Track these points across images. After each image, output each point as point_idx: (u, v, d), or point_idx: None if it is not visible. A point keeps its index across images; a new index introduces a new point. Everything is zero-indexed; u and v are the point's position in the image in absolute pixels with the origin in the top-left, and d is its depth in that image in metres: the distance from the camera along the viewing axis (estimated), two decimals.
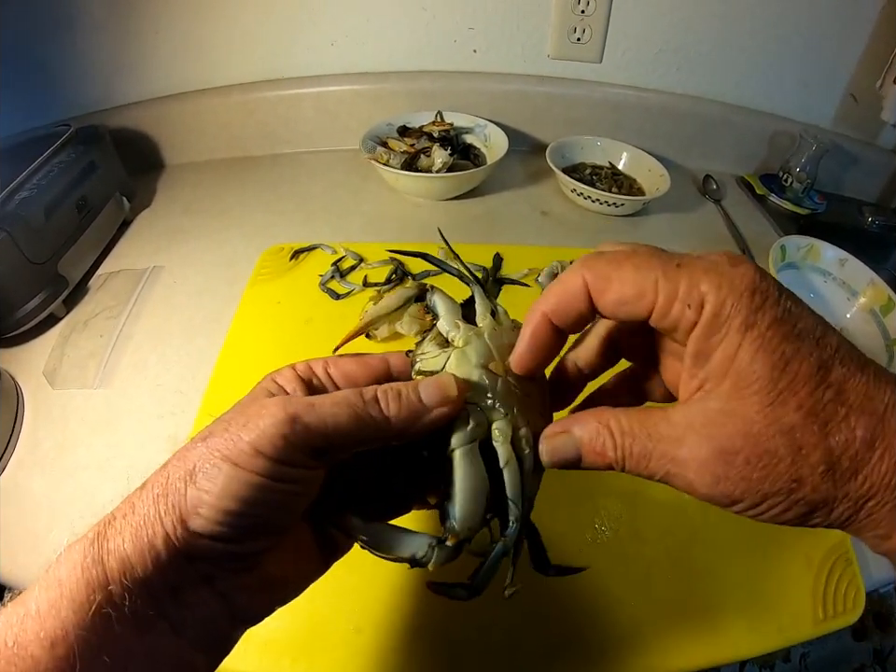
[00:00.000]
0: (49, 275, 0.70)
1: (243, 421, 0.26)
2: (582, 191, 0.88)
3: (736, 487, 0.23)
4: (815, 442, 0.22)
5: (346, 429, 0.26)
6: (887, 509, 0.22)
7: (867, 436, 0.21)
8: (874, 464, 0.21)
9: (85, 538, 0.25)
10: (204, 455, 0.25)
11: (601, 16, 0.90)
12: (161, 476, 0.25)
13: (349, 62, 0.97)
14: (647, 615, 0.47)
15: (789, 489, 0.22)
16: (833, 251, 0.76)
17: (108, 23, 0.88)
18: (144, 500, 0.25)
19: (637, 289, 0.24)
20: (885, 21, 0.88)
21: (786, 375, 0.22)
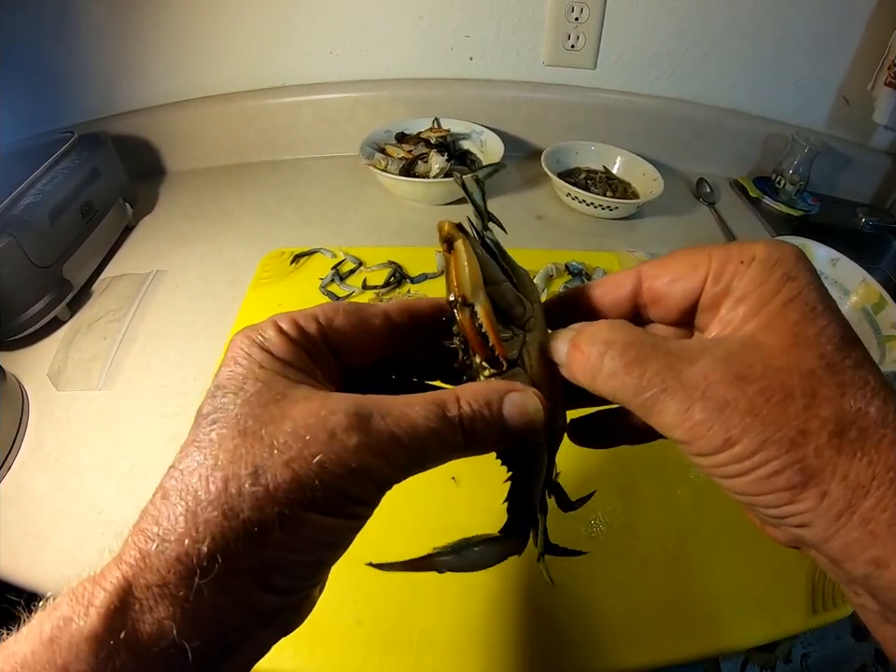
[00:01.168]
0: (54, 279, 0.71)
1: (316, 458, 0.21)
2: (577, 195, 0.89)
3: (741, 420, 0.21)
4: (830, 396, 0.21)
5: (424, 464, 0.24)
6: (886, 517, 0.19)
7: (879, 417, 0.20)
8: (882, 449, 0.20)
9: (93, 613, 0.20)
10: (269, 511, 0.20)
11: (595, 23, 0.92)
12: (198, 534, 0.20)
13: (348, 70, 0.98)
14: (641, 608, 0.48)
15: (791, 440, 0.20)
16: (824, 251, 0.77)
17: (110, 32, 0.90)
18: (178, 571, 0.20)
19: (691, 263, 0.25)
20: (875, 25, 0.89)
21: (815, 326, 0.22)
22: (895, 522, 0.19)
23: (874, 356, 0.67)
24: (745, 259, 0.23)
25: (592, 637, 0.46)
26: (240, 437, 0.21)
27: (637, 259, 0.81)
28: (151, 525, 0.21)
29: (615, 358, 0.23)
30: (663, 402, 0.22)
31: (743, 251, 0.24)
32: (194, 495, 0.20)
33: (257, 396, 0.23)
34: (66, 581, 0.51)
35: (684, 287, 0.25)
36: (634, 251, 0.83)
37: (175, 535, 0.20)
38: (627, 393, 0.23)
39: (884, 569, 0.19)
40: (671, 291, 0.26)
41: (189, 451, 0.22)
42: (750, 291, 0.23)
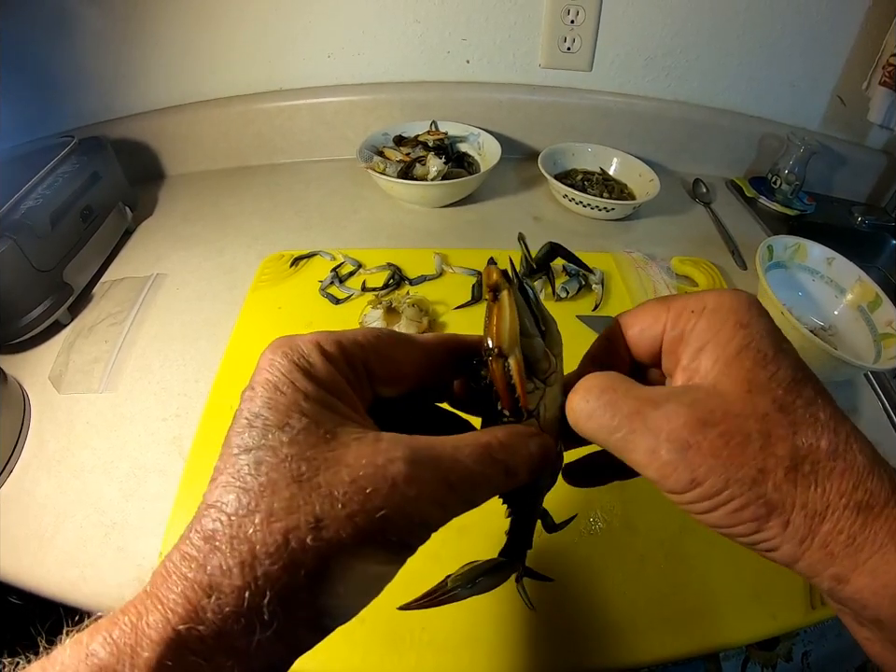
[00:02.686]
0: (55, 283, 0.71)
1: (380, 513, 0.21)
2: (574, 197, 0.90)
3: (703, 461, 0.23)
4: (783, 435, 0.22)
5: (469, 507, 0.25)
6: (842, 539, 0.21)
7: (830, 449, 0.22)
8: (833, 479, 0.22)
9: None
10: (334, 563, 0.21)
11: (590, 25, 0.93)
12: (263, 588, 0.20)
13: (345, 73, 0.99)
14: (640, 604, 0.48)
15: (752, 478, 0.22)
16: (819, 250, 0.77)
17: (110, 37, 0.90)
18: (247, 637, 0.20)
19: (653, 314, 0.28)
20: (870, 24, 0.90)
21: (765, 371, 0.24)
22: (850, 543, 0.21)
23: (869, 355, 0.68)
24: (696, 309, 0.26)
25: (591, 634, 0.47)
26: (295, 485, 0.21)
27: (634, 260, 0.81)
28: (198, 573, 0.20)
29: (591, 402, 0.26)
30: (633, 443, 0.24)
31: (696, 302, 0.26)
32: (249, 545, 0.20)
33: (305, 434, 0.22)
34: (69, 585, 0.51)
35: (650, 335, 0.28)
36: (631, 251, 0.83)
37: (229, 588, 0.19)
38: (603, 433, 0.25)
39: (844, 584, 0.22)
40: (641, 339, 0.29)
41: (231, 490, 0.21)
42: (707, 340, 0.25)
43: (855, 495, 0.22)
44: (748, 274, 0.84)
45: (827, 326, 0.76)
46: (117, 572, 0.51)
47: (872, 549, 0.21)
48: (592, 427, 0.26)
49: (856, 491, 0.22)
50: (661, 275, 0.79)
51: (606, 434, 0.25)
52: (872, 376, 0.71)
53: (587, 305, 0.75)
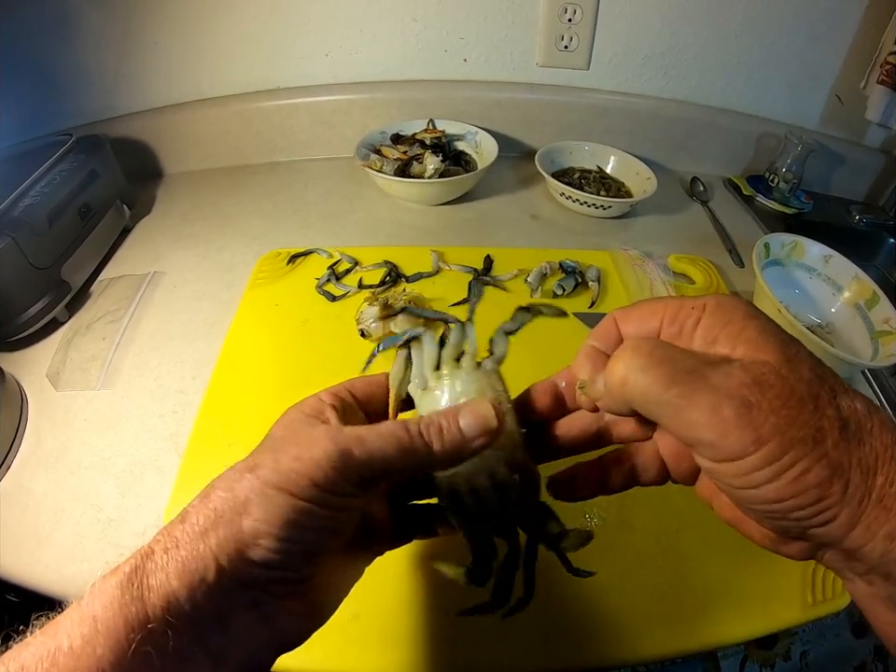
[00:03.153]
0: (52, 280, 0.71)
1: (294, 453, 0.26)
2: (571, 195, 0.90)
3: (766, 420, 0.23)
4: (827, 399, 0.23)
5: (393, 462, 0.27)
6: (894, 490, 0.22)
7: (865, 409, 0.24)
8: (875, 434, 0.23)
9: (119, 571, 0.24)
10: (257, 487, 0.26)
11: (588, 24, 0.93)
12: (205, 508, 0.26)
13: (343, 72, 0.99)
14: (638, 602, 0.48)
15: (813, 437, 0.22)
16: (817, 248, 0.77)
17: (109, 36, 0.90)
18: (188, 534, 0.25)
19: (651, 309, 0.29)
20: (868, 23, 0.90)
21: (792, 348, 0.25)
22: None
23: (866, 352, 0.68)
24: (696, 306, 0.27)
25: (588, 631, 0.47)
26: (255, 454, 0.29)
27: (631, 257, 0.81)
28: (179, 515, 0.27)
29: (644, 358, 0.26)
30: (693, 399, 0.24)
31: (695, 301, 0.27)
32: (212, 486, 0.27)
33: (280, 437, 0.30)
34: (66, 582, 0.51)
35: (647, 329, 0.29)
36: (628, 249, 0.83)
37: (192, 512, 0.26)
38: (657, 389, 0.25)
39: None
40: (637, 332, 0.29)
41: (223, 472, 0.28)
42: (718, 332, 0.26)
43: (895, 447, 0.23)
44: (745, 272, 0.84)
45: (824, 323, 0.76)
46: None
47: None
48: (644, 383, 0.25)
49: (895, 444, 0.23)
50: (658, 273, 0.79)
51: (661, 390, 0.25)
52: (869, 374, 0.71)
53: (584, 303, 0.75)
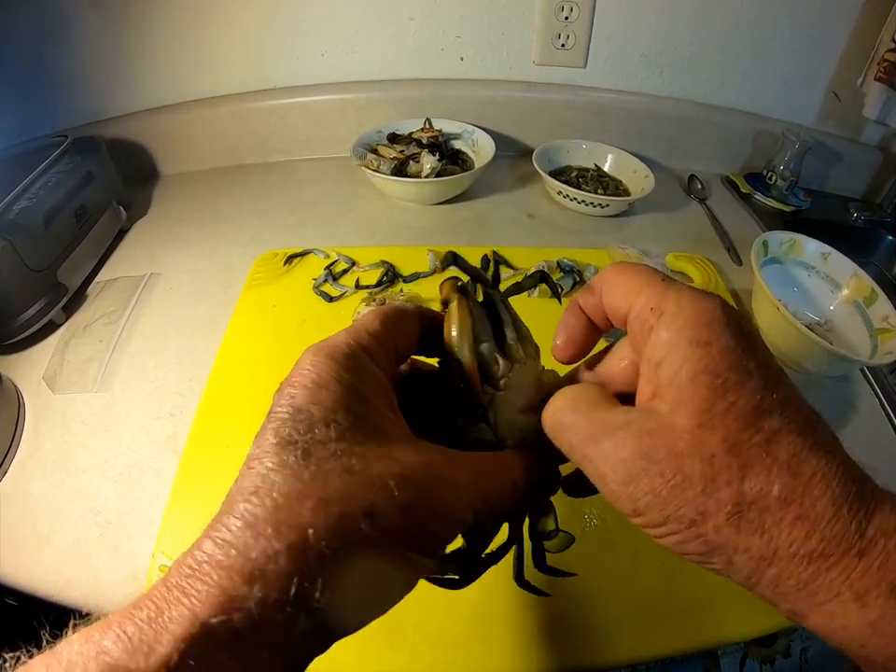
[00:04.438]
0: (49, 283, 0.71)
1: (423, 503, 0.23)
2: (568, 193, 0.90)
3: (644, 496, 0.22)
4: (729, 480, 0.21)
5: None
6: (792, 584, 0.20)
7: (783, 496, 0.20)
8: (782, 528, 0.20)
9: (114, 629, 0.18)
10: (385, 544, 0.21)
11: (584, 22, 0.93)
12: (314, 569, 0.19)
13: (339, 71, 0.99)
14: (635, 601, 0.48)
15: (691, 520, 0.21)
16: (815, 245, 0.77)
17: (104, 37, 0.90)
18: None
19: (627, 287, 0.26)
20: (865, 20, 0.90)
21: (722, 403, 0.22)
22: (801, 588, 0.20)
23: (865, 350, 0.68)
24: (656, 308, 0.24)
25: (586, 631, 0.47)
26: (348, 475, 0.21)
27: (629, 256, 0.81)
28: (238, 559, 0.19)
29: (560, 418, 0.26)
30: (586, 465, 0.25)
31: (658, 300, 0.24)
32: (300, 529, 0.19)
33: (352, 431, 0.23)
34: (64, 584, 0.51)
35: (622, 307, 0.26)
36: (625, 248, 0.83)
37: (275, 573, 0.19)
38: (566, 451, 0.26)
39: (803, 619, 0.21)
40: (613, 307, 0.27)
41: (278, 475, 0.21)
42: (663, 356, 0.23)
43: (808, 543, 0.20)
44: (743, 270, 0.84)
45: (823, 321, 0.76)
46: (112, 571, 0.51)
47: (827, 595, 0.20)
48: (559, 442, 0.26)
49: (809, 540, 0.20)
50: None
51: (568, 452, 0.26)
52: (868, 371, 0.71)
53: None
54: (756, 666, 0.79)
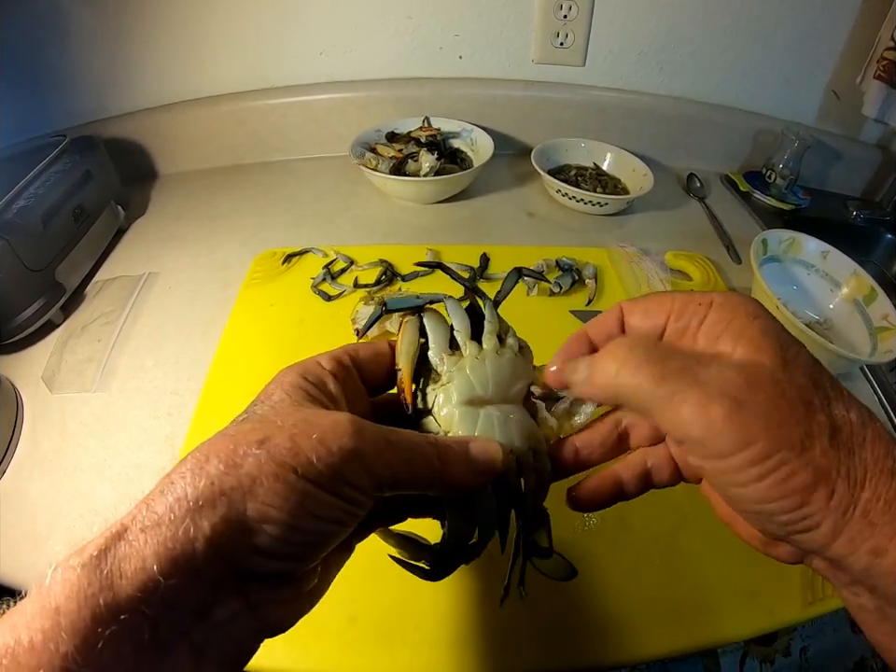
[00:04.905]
0: (47, 282, 0.71)
1: (317, 436, 0.24)
2: (567, 192, 0.90)
3: (756, 421, 0.23)
4: (820, 405, 0.23)
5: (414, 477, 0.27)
6: (880, 506, 0.22)
7: (860, 419, 0.23)
8: (867, 446, 0.23)
9: (85, 553, 0.21)
10: (269, 468, 0.22)
11: (583, 20, 0.92)
12: (199, 480, 0.22)
13: (337, 70, 0.99)
14: (637, 600, 0.48)
15: (801, 443, 0.22)
16: (814, 244, 0.77)
17: (101, 36, 0.90)
18: (174, 510, 0.21)
19: (659, 303, 0.29)
20: (864, 18, 0.90)
21: (791, 351, 0.25)
22: (887, 510, 0.22)
23: (865, 348, 0.68)
24: (703, 302, 0.27)
25: (587, 631, 0.47)
26: (259, 422, 0.25)
27: (628, 254, 0.81)
28: (160, 484, 0.23)
29: (639, 354, 0.26)
30: (682, 396, 0.24)
31: (702, 297, 0.27)
32: (206, 455, 0.23)
33: (280, 403, 0.27)
34: None
35: (652, 325, 0.29)
36: (624, 246, 0.83)
37: (179, 483, 0.22)
38: (649, 388, 0.25)
39: (882, 557, 0.22)
40: (642, 325, 0.29)
41: (214, 436, 0.25)
42: (722, 331, 0.26)
43: (887, 461, 0.22)
44: (742, 269, 0.84)
45: (822, 320, 0.76)
46: None
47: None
48: (635, 380, 0.25)
49: (888, 457, 0.22)
50: (655, 270, 0.79)
51: (652, 387, 0.25)
52: (868, 370, 0.71)
53: (581, 300, 0.75)
54: (756, 665, 0.79)
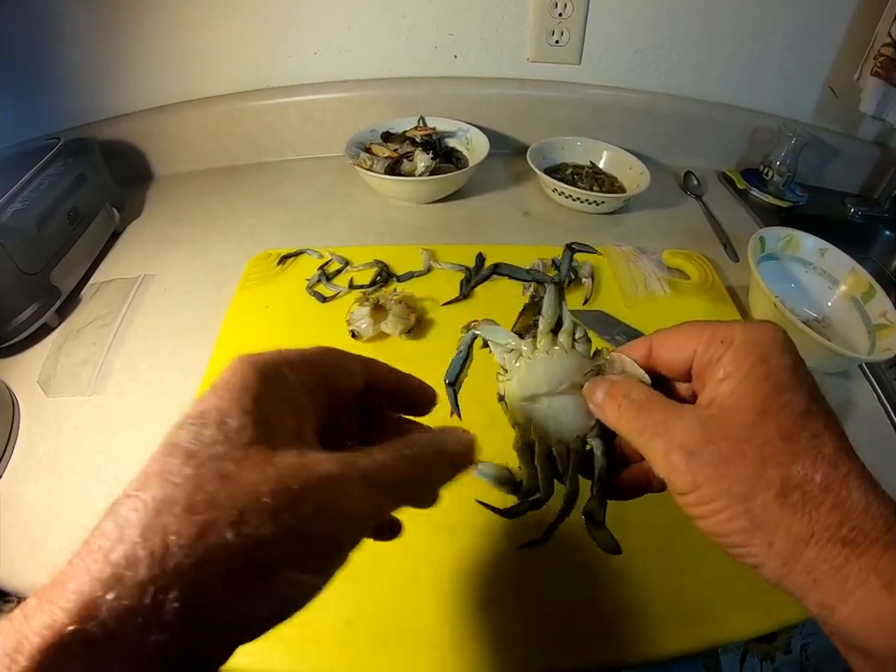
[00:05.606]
0: (42, 286, 0.71)
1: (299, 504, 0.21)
2: (563, 191, 0.89)
3: (703, 470, 0.25)
4: (779, 462, 0.24)
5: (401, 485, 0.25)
6: (826, 568, 0.23)
7: (824, 483, 0.23)
8: (821, 511, 0.23)
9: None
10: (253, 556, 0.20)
11: (579, 18, 0.92)
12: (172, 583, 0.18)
13: (332, 70, 0.98)
14: (636, 600, 0.48)
15: (742, 494, 0.24)
16: (812, 241, 0.77)
17: (95, 38, 0.90)
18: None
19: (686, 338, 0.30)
20: (861, 15, 0.89)
21: (780, 399, 0.25)
22: (834, 573, 0.23)
23: (863, 346, 0.67)
24: (725, 339, 0.28)
25: (586, 631, 0.47)
26: (221, 480, 0.20)
27: (625, 253, 0.81)
28: (101, 564, 0.18)
29: (630, 408, 0.30)
30: (653, 443, 0.28)
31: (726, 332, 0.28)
32: (163, 536, 0.18)
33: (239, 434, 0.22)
34: None
35: (681, 357, 0.30)
36: (621, 245, 0.83)
37: (132, 581, 0.18)
38: (634, 433, 0.29)
39: (831, 611, 0.23)
40: (672, 359, 0.31)
41: (154, 481, 0.20)
42: (731, 372, 0.27)
43: (841, 530, 0.23)
44: (740, 266, 0.83)
45: (820, 317, 0.76)
46: None
47: (856, 581, 0.22)
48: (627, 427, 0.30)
49: (842, 527, 0.23)
50: (652, 268, 0.78)
51: (636, 434, 0.29)
52: (867, 367, 0.71)
53: (577, 299, 0.74)
54: (756, 663, 0.79)
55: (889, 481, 0.25)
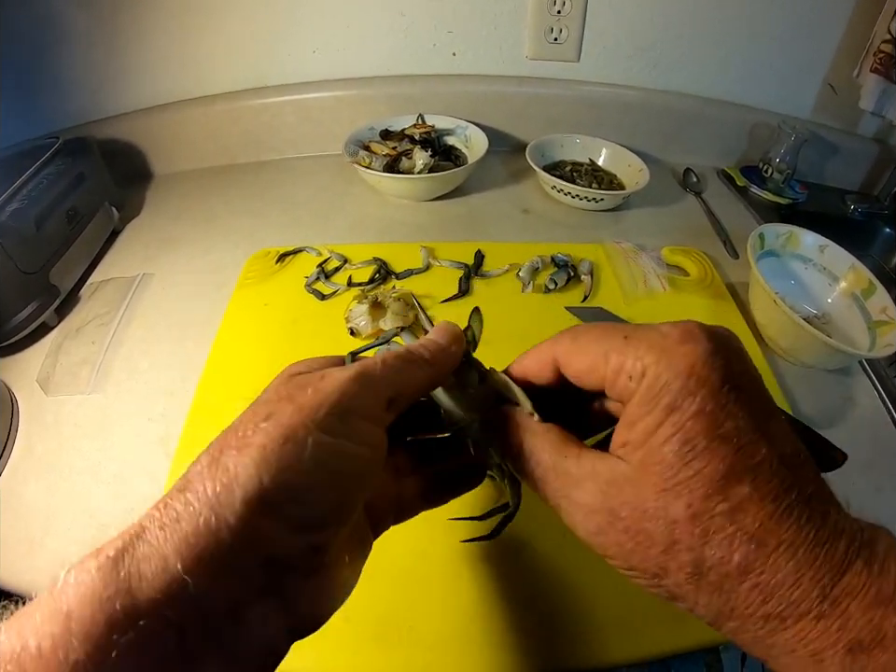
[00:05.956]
0: (41, 285, 0.71)
1: (313, 387, 0.24)
2: (562, 188, 0.89)
3: (611, 546, 0.24)
4: (690, 545, 0.21)
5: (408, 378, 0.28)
6: (748, 637, 0.22)
7: (743, 564, 0.21)
8: (740, 593, 0.21)
9: (101, 554, 0.20)
10: (276, 433, 0.22)
11: (577, 15, 0.92)
12: (216, 471, 0.21)
13: (331, 68, 0.98)
14: (636, 598, 0.47)
15: (654, 573, 0.23)
16: (812, 238, 0.76)
17: (94, 37, 0.89)
18: (192, 504, 0.20)
19: (590, 364, 0.26)
20: (860, 10, 0.89)
21: (688, 469, 0.22)
22: (759, 643, 0.21)
23: (863, 343, 0.67)
24: (634, 375, 0.24)
25: (582, 630, 0.46)
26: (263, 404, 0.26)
27: (624, 250, 0.81)
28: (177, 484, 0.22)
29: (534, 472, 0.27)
30: (560, 513, 0.26)
31: (633, 365, 0.24)
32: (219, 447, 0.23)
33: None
34: None
35: (590, 381, 0.27)
36: (621, 242, 0.83)
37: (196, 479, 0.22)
38: (542, 491, 0.27)
39: (764, 663, 0.22)
40: (580, 380, 0.27)
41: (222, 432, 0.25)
42: (638, 419, 0.23)
43: (764, 607, 0.21)
44: (739, 263, 0.83)
45: (820, 314, 0.76)
46: None
47: (782, 650, 0.21)
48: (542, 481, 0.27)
49: (766, 604, 0.21)
50: (652, 265, 0.78)
51: (543, 491, 0.27)
52: (867, 364, 0.71)
53: (576, 296, 0.74)
54: (758, 662, 0.78)
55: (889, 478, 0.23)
